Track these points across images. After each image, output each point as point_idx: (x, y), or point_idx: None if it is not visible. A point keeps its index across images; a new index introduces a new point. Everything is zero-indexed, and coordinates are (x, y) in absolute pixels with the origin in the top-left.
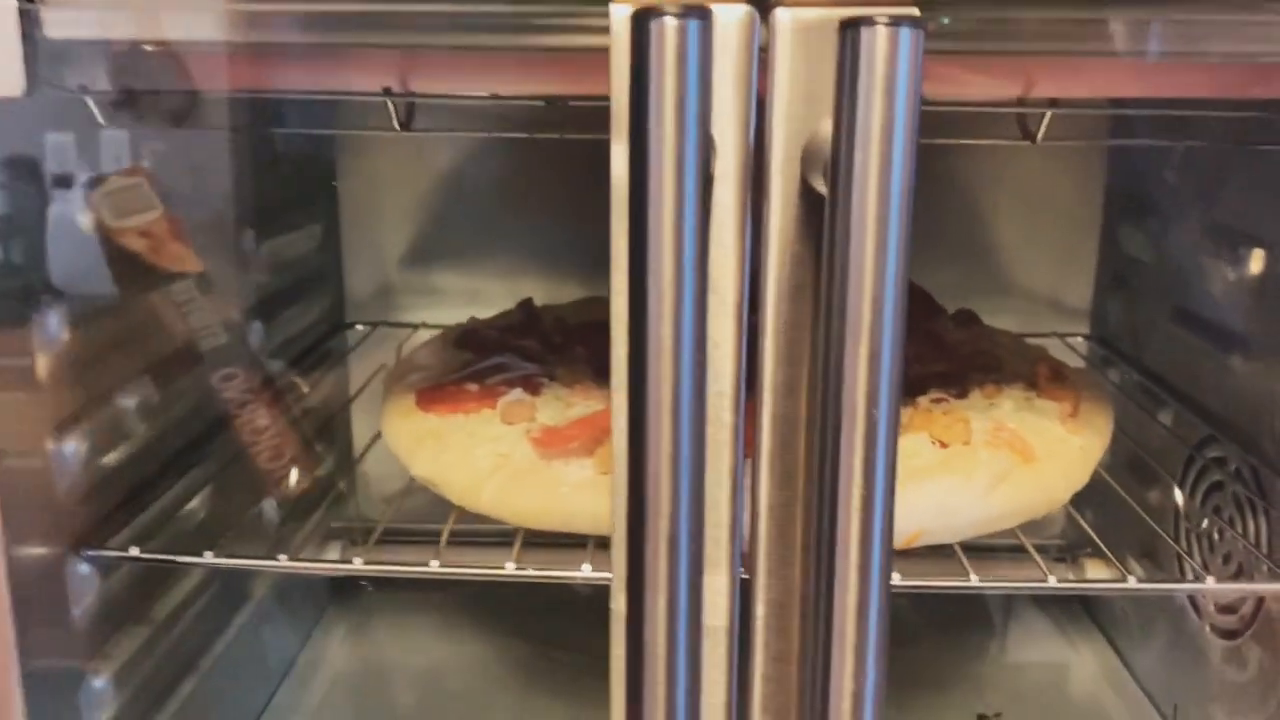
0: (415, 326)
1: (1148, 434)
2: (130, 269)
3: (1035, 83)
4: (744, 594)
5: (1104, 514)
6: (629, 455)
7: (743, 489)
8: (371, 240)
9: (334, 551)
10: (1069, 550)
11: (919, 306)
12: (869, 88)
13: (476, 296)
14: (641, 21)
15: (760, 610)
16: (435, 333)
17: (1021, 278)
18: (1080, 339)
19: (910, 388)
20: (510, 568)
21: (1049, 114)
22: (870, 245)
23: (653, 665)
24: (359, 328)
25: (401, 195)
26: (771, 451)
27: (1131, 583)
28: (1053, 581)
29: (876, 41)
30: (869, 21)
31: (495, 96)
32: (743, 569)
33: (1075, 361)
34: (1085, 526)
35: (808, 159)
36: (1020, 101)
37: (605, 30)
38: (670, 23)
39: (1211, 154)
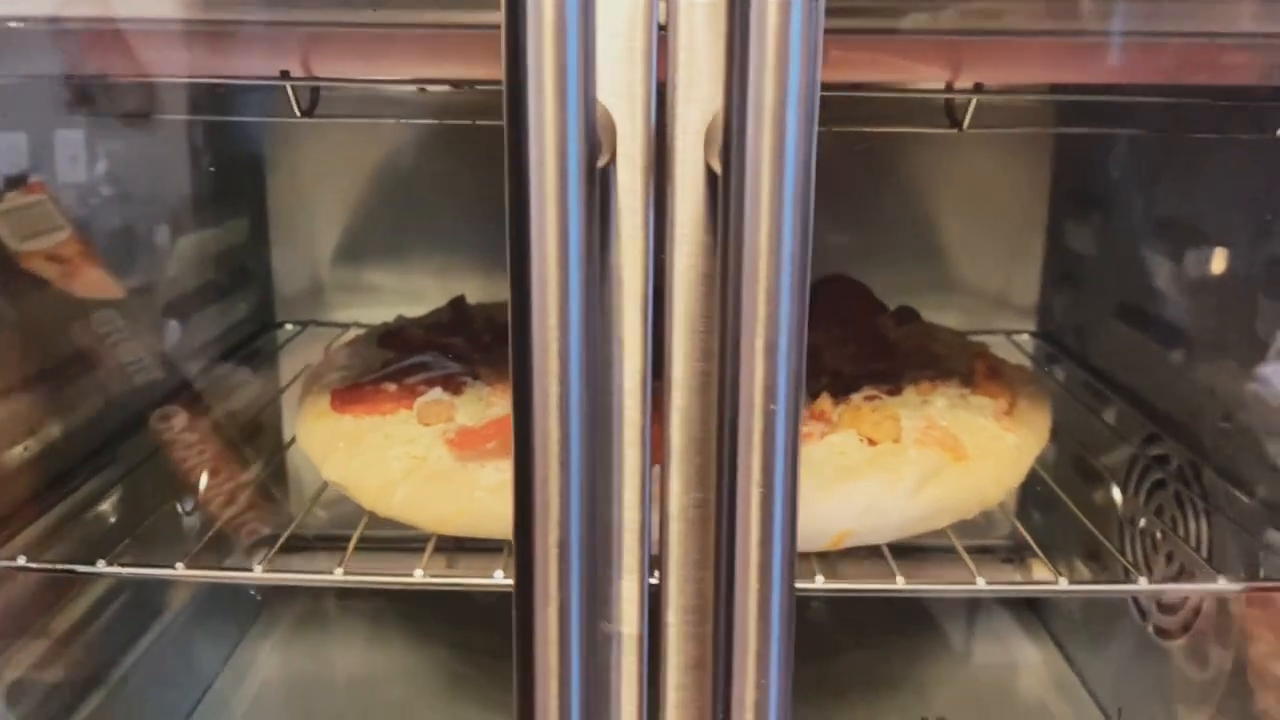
0: (346, 326)
1: (1095, 432)
2: (11, 275)
3: (961, 67)
4: (655, 600)
5: (1052, 514)
6: (515, 458)
7: (651, 491)
8: (301, 235)
9: (260, 557)
10: (1016, 551)
11: (859, 303)
12: (760, 63)
13: (411, 295)
14: None
15: (672, 617)
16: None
17: (968, 275)
18: (1027, 336)
19: (845, 385)
20: (419, 575)
21: (974, 100)
22: (765, 231)
23: (544, 679)
24: (288, 327)
25: (333, 189)
26: (682, 450)
27: (1062, 584)
28: (981, 584)
29: (767, 12)
30: None
31: (398, 81)
32: (657, 573)
33: (1021, 359)
34: (1019, 527)
35: (711, 141)
36: (947, 87)
37: None
38: None
39: (1153, 146)
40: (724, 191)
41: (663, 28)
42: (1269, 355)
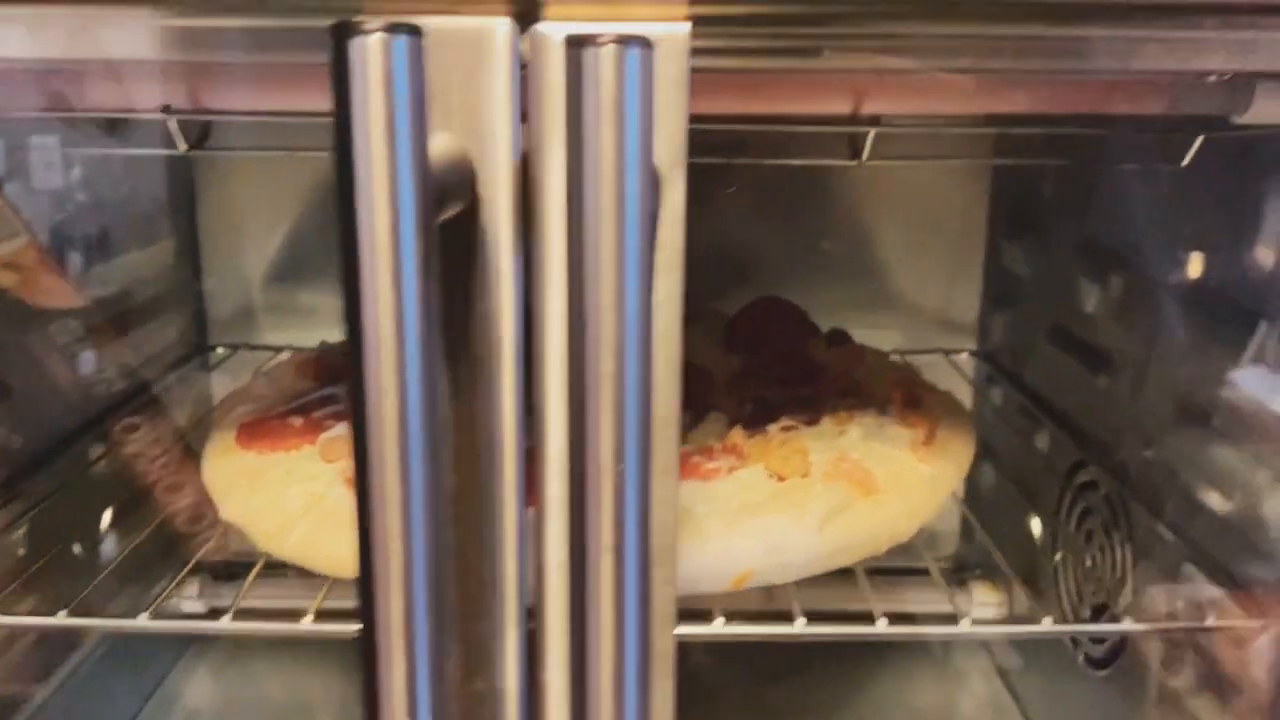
0: (280, 349)
1: (1031, 455)
2: None
3: (860, 101)
4: (532, 655)
5: (994, 539)
6: (358, 525)
7: (526, 544)
8: (233, 256)
9: (192, 589)
10: (957, 573)
11: (789, 326)
12: (596, 116)
13: None
14: (340, 39)
15: (551, 673)
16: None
17: (909, 294)
18: (966, 355)
19: (766, 414)
20: (307, 622)
21: (872, 133)
22: (606, 288)
23: None
24: (219, 350)
25: (266, 208)
26: (559, 501)
27: (964, 626)
28: (881, 626)
29: (601, 64)
30: (593, 41)
31: (284, 114)
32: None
33: (958, 380)
34: (929, 561)
35: None
36: (852, 119)
37: None
38: (372, 41)
39: (1078, 170)
40: (568, 245)
41: (525, 65)
42: (1243, 360)
